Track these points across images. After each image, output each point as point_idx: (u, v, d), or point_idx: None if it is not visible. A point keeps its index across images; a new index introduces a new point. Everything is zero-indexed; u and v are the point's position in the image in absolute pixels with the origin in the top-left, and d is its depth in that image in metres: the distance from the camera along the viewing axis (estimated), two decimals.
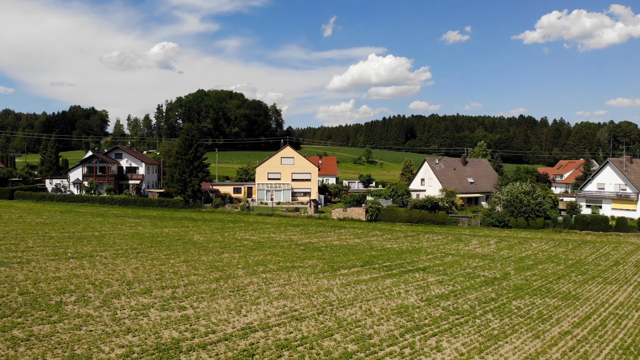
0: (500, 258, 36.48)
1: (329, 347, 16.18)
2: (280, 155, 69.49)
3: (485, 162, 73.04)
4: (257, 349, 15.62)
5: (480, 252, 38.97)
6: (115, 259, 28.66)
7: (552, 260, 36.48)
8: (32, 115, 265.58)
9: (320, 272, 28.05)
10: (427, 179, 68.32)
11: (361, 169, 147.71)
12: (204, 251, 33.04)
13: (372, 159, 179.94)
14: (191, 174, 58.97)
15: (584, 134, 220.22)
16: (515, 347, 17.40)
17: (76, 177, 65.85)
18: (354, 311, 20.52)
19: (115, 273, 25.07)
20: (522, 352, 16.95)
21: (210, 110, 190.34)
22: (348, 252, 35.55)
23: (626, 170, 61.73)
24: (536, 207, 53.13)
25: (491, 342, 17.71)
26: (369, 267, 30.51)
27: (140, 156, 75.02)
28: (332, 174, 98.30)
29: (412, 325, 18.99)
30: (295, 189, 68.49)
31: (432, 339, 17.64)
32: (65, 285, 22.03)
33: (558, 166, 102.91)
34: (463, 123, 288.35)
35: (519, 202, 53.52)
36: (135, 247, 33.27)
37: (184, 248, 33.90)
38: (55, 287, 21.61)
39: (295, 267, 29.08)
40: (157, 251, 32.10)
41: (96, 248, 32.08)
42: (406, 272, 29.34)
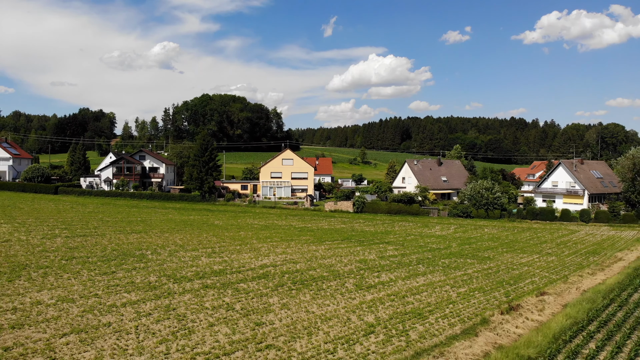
0: (452, 238, 47.41)
1: (312, 274, 27.10)
2: (282, 157, 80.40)
3: (458, 163, 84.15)
4: (268, 274, 26.55)
5: (438, 234, 49.92)
6: (164, 234, 39.64)
7: (492, 240, 47.38)
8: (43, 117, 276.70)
9: (311, 243, 38.99)
10: (407, 178, 79.29)
11: (356, 169, 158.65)
12: (225, 230, 44.02)
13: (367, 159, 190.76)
14: (206, 173, 70.00)
15: (570, 136, 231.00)
16: (427, 278, 28.29)
17: (107, 175, 76.80)
18: (330, 260, 31.47)
19: (169, 241, 36.03)
20: (430, 280, 27.83)
21: (215, 113, 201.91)
22: (334, 233, 46.51)
23: (576, 170, 72.66)
24: (494, 200, 64.08)
25: (413, 276, 28.59)
26: (347, 241, 41.47)
27: (160, 158, 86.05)
28: (327, 173, 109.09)
29: (366, 267, 29.92)
30: (294, 186, 79.37)
31: (376, 273, 28.55)
32: (139, 247, 32.98)
33: (532, 166, 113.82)
34: (457, 125, 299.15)
35: (480, 197, 64.47)
36: (173, 227, 44.27)
37: (210, 228, 44.88)
38: (133, 247, 32.56)
39: (293, 240, 40.05)
40: (191, 230, 43.08)
41: (145, 228, 43.04)
42: (373, 244, 40.30)
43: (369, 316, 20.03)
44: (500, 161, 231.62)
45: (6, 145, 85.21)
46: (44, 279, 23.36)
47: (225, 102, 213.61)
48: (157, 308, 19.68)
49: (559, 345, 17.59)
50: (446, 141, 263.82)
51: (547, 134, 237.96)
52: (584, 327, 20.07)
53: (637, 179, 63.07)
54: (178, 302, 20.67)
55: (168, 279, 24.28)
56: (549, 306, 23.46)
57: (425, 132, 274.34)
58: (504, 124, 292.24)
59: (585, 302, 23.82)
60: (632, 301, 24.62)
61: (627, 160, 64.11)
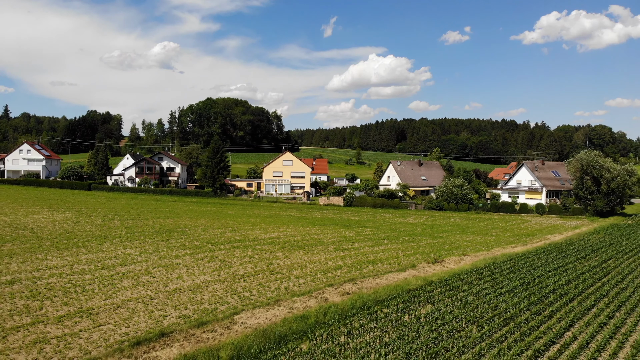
0: (420, 224, 58.81)
1: (305, 242, 38.50)
2: (282, 158, 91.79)
3: (436, 163, 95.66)
4: (274, 241, 37.94)
5: (410, 222, 61.32)
6: (192, 219, 51.06)
7: (453, 226, 58.74)
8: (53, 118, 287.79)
9: (306, 226, 50.42)
10: (391, 176, 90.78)
11: (351, 169, 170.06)
12: (238, 217, 55.44)
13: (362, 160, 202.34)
14: (218, 172, 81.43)
15: (555, 138, 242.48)
16: (386, 247, 39.59)
17: (130, 174, 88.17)
18: (319, 236, 42.91)
19: (197, 223, 47.43)
20: (388, 247, 39.12)
21: (219, 116, 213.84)
22: (325, 220, 57.94)
23: (536, 170, 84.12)
24: (462, 196, 75.49)
25: (377, 245, 39.93)
26: (334, 225, 52.88)
27: (176, 159, 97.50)
28: (323, 173, 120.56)
29: (345, 240, 41.34)
30: (293, 184, 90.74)
31: (351, 243, 39.92)
32: (177, 227, 44.36)
33: (510, 167, 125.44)
34: (450, 126, 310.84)
35: (451, 193, 75.87)
36: (196, 215, 55.71)
37: (225, 216, 56.31)
38: (173, 227, 43.93)
39: (292, 224, 51.48)
40: (211, 217, 54.51)
41: (175, 215, 54.44)
42: (355, 227, 51.72)
43: (339, 262, 31.46)
44: (490, 162, 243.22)
45: (39, 147, 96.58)
46: (122, 243, 34.77)
47: (229, 105, 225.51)
48: (206, 257, 31.11)
49: (455, 278, 28.93)
50: (439, 142, 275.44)
51: (535, 135, 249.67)
52: (477, 270, 31.45)
53: (585, 178, 74.43)
54: (217, 254, 32.10)
55: (207, 243, 35.72)
56: (463, 261, 34.85)
57: (420, 134, 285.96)
58: (495, 125, 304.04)
59: (490, 259, 35.22)
60: (525, 259, 36.03)
61: (576, 162, 75.44)
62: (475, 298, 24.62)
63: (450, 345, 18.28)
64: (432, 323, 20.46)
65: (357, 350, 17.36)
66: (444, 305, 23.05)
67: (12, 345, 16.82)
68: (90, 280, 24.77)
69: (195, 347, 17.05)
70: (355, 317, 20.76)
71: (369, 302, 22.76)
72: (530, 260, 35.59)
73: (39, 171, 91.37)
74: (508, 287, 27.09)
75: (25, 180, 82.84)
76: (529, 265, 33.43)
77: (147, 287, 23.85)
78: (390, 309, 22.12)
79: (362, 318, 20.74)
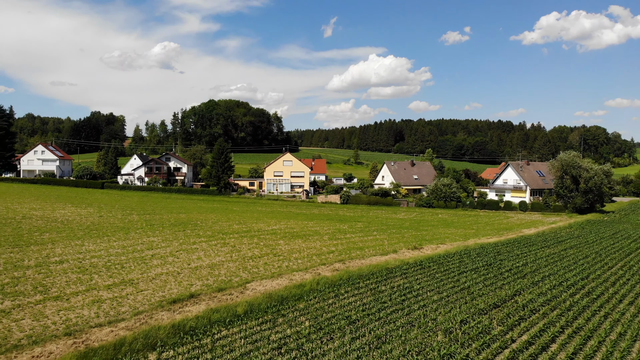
0: (409, 220, 64.23)
1: (303, 233, 43.93)
2: (283, 159, 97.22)
3: (428, 164, 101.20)
4: (276, 232, 43.36)
5: (400, 217, 66.73)
6: (202, 214, 56.50)
7: (439, 221, 64.14)
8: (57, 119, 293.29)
9: (305, 220, 55.85)
10: (385, 176, 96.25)
11: (349, 169, 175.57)
12: (242, 213, 60.88)
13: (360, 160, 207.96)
14: (222, 172, 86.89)
15: (550, 138, 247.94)
16: (375, 237, 44.98)
17: (139, 174, 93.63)
18: (316, 228, 48.33)
19: (207, 218, 52.88)
20: (376, 237, 44.48)
21: (220, 117, 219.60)
22: (322, 216, 63.36)
23: (521, 170, 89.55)
24: (451, 194, 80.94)
25: (367, 235, 45.32)
26: (330, 220, 58.32)
27: (182, 159, 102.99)
28: (322, 173, 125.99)
29: (338, 232, 46.74)
30: (293, 183, 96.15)
31: (344, 234, 45.33)
32: (189, 220, 49.78)
33: (500, 167, 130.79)
34: (447, 127, 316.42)
35: (440, 191, 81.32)
36: (205, 210, 61.14)
37: (231, 212, 61.74)
38: (186, 220, 49.34)
39: (292, 218, 56.91)
40: (219, 212, 59.93)
41: (185, 211, 59.86)
42: (349, 222, 57.15)
43: (332, 248, 36.92)
44: (486, 162, 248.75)
45: (52, 148, 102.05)
46: (145, 233, 40.20)
47: (230, 106, 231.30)
48: (218, 243, 36.54)
49: (429, 260, 34.32)
50: (436, 143, 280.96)
51: (529, 136, 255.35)
52: (450, 255, 36.84)
53: (564, 177, 79.87)
54: (228, 241, 37.55)
55: (218, 233, 41.17)
56: (440, 248, 40.26)
57: (417, 134, 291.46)
58: (492, 126, 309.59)
59: (462, 247, 40.62)
60: (494, 247, 41.43)
61: (557, 162, 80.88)
62: (442, 275, 30.07)
63: (414, 305, 23.72)
64: (402, 290, 25.91)
65: (342, 307, 22.81)
66: (415, 279, 28.50)
67: (75, 304, 22.18)
68: (125, 260, 30.19)
69: (218, 304, 22.47)
70: (342, 286, 26.20)
71: (354, 276, 28.19)
72: (499, 248, 41.04)
73: (53, 171, 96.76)
74: (472, 267, 32.54)
75: (42, 180, 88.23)
76: (495, 252, 38.87)
77: (173, 265, 29.29)
78: (370, 280, 27.57)
79: (347, 287, 26.18)
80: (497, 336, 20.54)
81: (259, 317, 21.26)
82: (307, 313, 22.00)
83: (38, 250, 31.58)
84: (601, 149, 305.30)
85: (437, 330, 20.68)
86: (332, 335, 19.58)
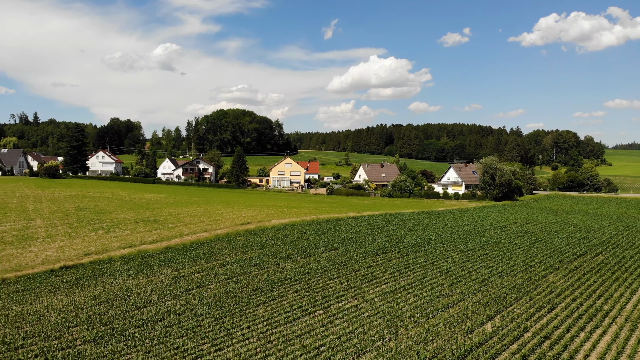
0: (370, 204, 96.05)
1: (297, 206, 75.97)
2: (284, 162, 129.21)
3: (394, 165, 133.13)
4: (281, 206, 75.42)
5: (365, 203, 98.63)
6: (233, 199, 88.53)
7: (390, 205, 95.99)
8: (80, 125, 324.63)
9: (299, 202, 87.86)
10: (361, 175, 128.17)
11: (340, 169, 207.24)
12: (258, 198, 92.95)
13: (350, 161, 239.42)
14: (240, 172, 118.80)
15: (519, 143, 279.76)
16: (341, 210, 76.97)
17: (177, 173, 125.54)
18: (306, 205, 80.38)
19: (237, 200, 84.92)
20: (341, 209, 76.48)
21: (229, 125, 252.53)
22: (311, 201, 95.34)
23: (460, 170, 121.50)
24: (405, 187, 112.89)
25: (335, 209, 77.31)
26: (316, 202, 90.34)
27: (208, 162, 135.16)
28: (315, 172, 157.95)
29: (318, 208, 78.79)
30: (292, 180, 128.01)
31: (322, 208, 77.31)
32: (229, 201, 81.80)
33: None
34: (433, 131, 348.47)
35: (397, 185, 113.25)
36: (232, 198, 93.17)
37: (251, 197, 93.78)
38: (227, 200, 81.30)
39: (290, 201, 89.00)
40: (242, 198, 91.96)
41: (219, 197, 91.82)
42: (327, 203, 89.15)
43: (312, 212, 68.95)
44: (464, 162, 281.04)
45: (109, 153, 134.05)
46: (206, 205, 72.14)
47: (237, 115, 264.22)
48: (250, 209, 68.53)
49: (363, 217, 66.10)
50: (421, 146, 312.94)
51: (501, 140, 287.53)
52: (377, 215, 68.61)
53: (485, 175, 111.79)
54: (255, 209, 69.57)
55: (249, 206, 73.17)
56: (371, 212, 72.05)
57: (405, 138, 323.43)
58: (473, 130, 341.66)
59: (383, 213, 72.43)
60: (408, 214, 73.36)
61: (481, 164, 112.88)
62: (355, 224, 61.96)
63: (345, 233, 55.60)
64: (343, 227, 57.82)
65: (315, 232, 54.80)
66: (350, 224, 60.37)
67: (197, 227, 54.11)
68: (204, 217, 62.15)
69: (259, 225, 54.49)
70: (311, 225, 58.08)
71: (321, 220, 60.06)
72: (405, 214, 72.94)
73: (111, 171, 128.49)
74: (375, 224, 64.43)
75: (109, 177, 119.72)
76: (409, 217, 70.80)
77: (231, 216, 61.25)
78: (325, 224, 59.51)
79: (315, 225, 58.05)
80: None
81: (275, 231, 53.28)
82: (296, 232, 53.98)
83: (160, 210, 63.75)
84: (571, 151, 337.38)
85: (352, 252, 52.67)
86: (309, 237, 51.59)
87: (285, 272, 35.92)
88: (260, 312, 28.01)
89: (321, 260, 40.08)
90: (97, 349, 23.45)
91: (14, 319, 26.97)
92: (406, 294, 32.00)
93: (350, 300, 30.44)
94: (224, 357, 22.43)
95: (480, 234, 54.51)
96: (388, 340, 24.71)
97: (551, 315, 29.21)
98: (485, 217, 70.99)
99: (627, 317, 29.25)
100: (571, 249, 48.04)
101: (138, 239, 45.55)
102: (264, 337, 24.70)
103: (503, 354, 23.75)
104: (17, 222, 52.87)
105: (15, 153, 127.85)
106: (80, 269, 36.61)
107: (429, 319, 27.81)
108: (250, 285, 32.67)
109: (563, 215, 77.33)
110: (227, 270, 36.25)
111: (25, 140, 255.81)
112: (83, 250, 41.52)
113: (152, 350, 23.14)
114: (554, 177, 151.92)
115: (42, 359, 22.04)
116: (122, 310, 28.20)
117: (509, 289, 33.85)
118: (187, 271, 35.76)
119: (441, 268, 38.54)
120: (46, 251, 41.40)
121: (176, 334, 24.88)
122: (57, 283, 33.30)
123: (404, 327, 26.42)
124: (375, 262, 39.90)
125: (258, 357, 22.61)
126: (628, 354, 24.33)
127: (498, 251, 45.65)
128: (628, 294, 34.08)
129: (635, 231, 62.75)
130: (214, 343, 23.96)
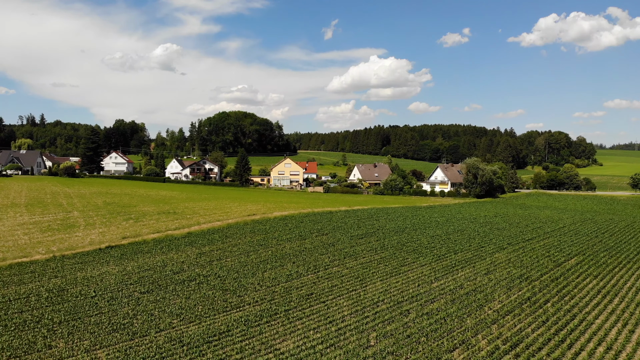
0: (363, 200, 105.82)
1: (295, 201, 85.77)
2: (284, 162, 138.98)
3: (386, 166, 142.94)
4: (282, 202, 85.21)
5: (358, 199, 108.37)
6: (238, 195, 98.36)
7: (380, 201, 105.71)
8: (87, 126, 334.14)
9: (297, 198, 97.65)
10: (356, 174, 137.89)
11: (337, 169, 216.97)
12: (261, 195, 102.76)
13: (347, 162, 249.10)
14: (244, 172, 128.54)
15: (510, 144, 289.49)
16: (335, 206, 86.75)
17: (185, 172, 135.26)
18: (303, 201, 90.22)
19: (242, 197, 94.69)
20: (337, 205, 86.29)
21: (231, 126, 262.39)
22: (308, 197, 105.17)
23: (446, 169, 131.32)
24: (395, 186, 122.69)
25: (329, 204, 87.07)
26: (313, 199, 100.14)
27: (213, 162, 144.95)
28: (314, 172, 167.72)
29: (314, 203, 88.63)
30: (291, 179, 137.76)
31: (318, 203, 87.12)
32: (234, 197, 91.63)
33: None
34: (428, 133, 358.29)
35: (388, 184, 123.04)
36: (238, 195, 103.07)
37: (253, 195, 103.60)
38: (234, 197, 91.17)
39: (289, 198, 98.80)
40: (246, 195, 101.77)
41: (226, 194, 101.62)
42: (323, 200, 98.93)
43: (308, 205, 78.70)
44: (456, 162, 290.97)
45: (122, 155, 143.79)
46: (215, 201, 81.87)
47: (239, 117, 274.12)
48: (255, 203, 78.32)
49: (351, 210, 75.87)
50: (417, 147, 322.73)
51: (493, 141, 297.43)
52: (365, 209, 78.35)
53: (469, 174, 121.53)
54: (259, 204, 79.35)
55: (253, 201, 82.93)
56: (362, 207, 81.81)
57: (401, 139, 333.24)
58: (467, 131, 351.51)
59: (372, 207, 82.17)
60: (393, 209, 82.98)
61: (465, 165, 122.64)
62: (345, 216, 71.69)
63: (336, 222, 65.36)
64: (335, 217, 67.54)
65: (310, 222, 64.56)
66: (341, 215, 70.12)
67: (211, 217, 63.98)
68: (216, 210, 71.89)
69: (263, 216, 64.24)
70: (308, 217, 67.83)
71: (316, 213, 69.81)
72: (390, 209, 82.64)
73: (123, 171, 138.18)
74: (362, 216, 74.13)
75: (124, 177, 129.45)
76: (392, 211, 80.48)
77: (238, 209, 70.93)
78: (319, 215, 69.25)
79: (311, 217, 67.79)
80: None
81: (276, 220, 63.03)
82: (294, 222, 63.71)
83: (176, 204, 73.51)
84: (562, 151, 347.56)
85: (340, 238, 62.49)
86: (305, 226, 61.45)
87: (285, 250, 45.70)
88: (267, 275, 37.81)
89: (314, 242, 49.83)
90: (150, 296, 33.21)
91: (82, 281, 36.67)
92: (377, 264, 41.80)
93: (335, 269, 40.21)
94: (243, 300, 32.24)
95: (450, 224, 64.25)
96: (359, 291, 34.51)
97: (485, 278, 38.96)
98: (461, 212, 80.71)
99: (542, 281, 39.01)
100: (522, 234, 57.81)
101: (163, 227, 55.28)
102: (270, 289, 34.50)
103: (440, 300, 33.51)
104: (58, 213, 62.65)
105: (33, 154, 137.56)
106: (122, 248, 46.35)
107: (391, 278, 37.61)
108: (259, 259, 42.48)
109: (532, 210, 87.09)
110: (239, 248, 46.04)
111: (34, 142, 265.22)
112: (120, 235, 51.25)
113: (191, 297, 32.91)
114: (536, 176, 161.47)
115: (112, 302, 31.78)
116: (162, 274, 37.95)
117: (459, 261, 43.64)
118: (207, 249, 45.55)
119: (409, 248, 48.31)
120: (90, 235, 51.15)
121: (206, 288, 34.68)
122: (107, 257, 43.04)
123: (372, 284, 36.22)
124: (357, 244, 49.66)
125: (266, 299, 32.42)
126: (529, 305, 34.06)
127: (460, 236, 55.39)
128: (552, 265, 43.85)
129: (590, 223, 72.43)
130: (234, 293, 33.73)
